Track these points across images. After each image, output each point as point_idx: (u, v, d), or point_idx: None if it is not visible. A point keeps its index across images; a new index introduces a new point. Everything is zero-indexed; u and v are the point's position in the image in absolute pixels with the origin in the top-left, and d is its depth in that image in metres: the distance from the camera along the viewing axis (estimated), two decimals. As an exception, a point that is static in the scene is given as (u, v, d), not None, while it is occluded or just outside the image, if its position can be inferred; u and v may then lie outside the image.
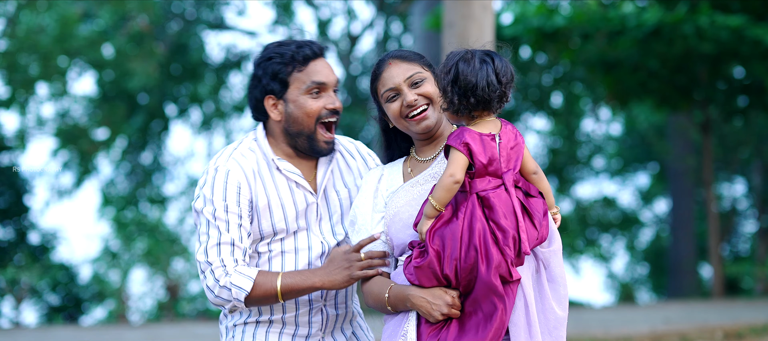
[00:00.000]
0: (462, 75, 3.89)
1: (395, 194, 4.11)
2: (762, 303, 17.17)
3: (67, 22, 22.42)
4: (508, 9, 17.58)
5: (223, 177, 4.25)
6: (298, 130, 4.29)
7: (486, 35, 8.99)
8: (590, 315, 16.15)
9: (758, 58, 16.98)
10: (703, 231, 26.57)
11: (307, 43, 4.30)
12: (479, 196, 3.82)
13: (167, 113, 27.40)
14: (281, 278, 4.20)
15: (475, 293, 3.80)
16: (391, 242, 4.08)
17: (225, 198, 4.24)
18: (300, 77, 4.26)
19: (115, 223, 26.11)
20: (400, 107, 4.11)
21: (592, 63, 18.09)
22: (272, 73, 4.26)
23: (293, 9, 27.99)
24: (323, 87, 4.28)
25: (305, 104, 4.26)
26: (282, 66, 4.26)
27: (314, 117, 4.27)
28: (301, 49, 4.28)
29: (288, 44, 4.30)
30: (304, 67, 4.27)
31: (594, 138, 30.70)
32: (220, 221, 4.21)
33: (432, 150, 4.19)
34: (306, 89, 4.26)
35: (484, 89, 3.87)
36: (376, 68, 4.19)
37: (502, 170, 3.86)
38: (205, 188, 4.26)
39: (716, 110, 20.40)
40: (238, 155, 4.31)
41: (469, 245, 3.78)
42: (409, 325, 3.93)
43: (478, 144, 3.84)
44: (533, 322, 3.85)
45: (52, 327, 18.54)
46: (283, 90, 4.27)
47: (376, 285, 4.07)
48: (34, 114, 24.92)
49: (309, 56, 4.27)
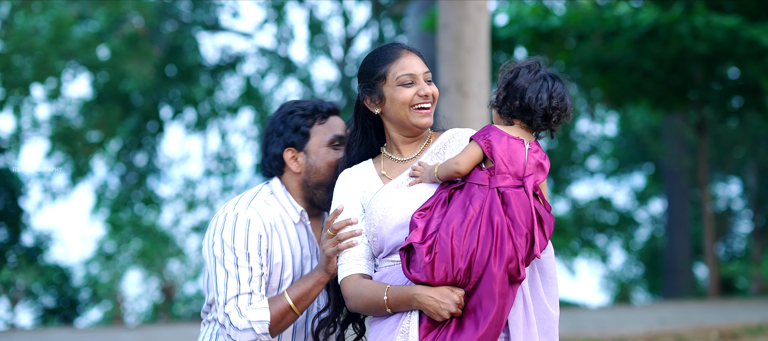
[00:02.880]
0: (520, 77, 4.00)
1: (378, 195, 4.10)
2: (757, 303, 17.18)
3: (61, 23, 22.39)
4: (504, 10, 17.59)
5: (244, 225, 4.31)
6: (319, 180, 4.40)
7: (481, 36, 9.00)
8: (585, 315, 16.15)
9: (753, 58, 16.99)
10: (698, 231, 26.59)
11: (323, 101, 4.45)
12: (499, 190, 3.87)
13: (162, 114, 27.38)
14: (287, 293, 4.27)
15: (480, 289, 3.81)
16: (382, 243, 4.07)
17: (247, 247, 4.29)
18: (322, 130, 4.40)
19: (110, 224, 26.09)
20: (414, 94, 4.12)
21: (587, 64, 18.09)
22: (294, 125, 4.38)
23: (285, 9, 27.95)
24: (342, 140, 4.40)
25: (327, 155, 4.38)
26: (304, 119, 4.39)
27: (334, 169, 4.38)
28: (322, 104, 4.42)
29: (306, 101, 4.44)
30: (325, 120, 4.41)
31: (589, 139, 30.72)
32: (242, 269, 4.27)
33: (413, 149, 4.21)
34: (328, 141, 4.39)
35: (531, 98, 3.98)
36: (390, 52, 4.17)
37: (524, 173, 3.92)
38: (225, 233, 4.30)
39: (711, 110, 20.42)
40: (257, 205, 4.38)
41: (486, 237, 3.81)
42: (410, 323, 3.92)
43: (502, 143, 3.92)
44: (532, 322, 3.89)
45: (47, 329, 18.51)
46: (305, 141, 4.39)
47: (367, 289, 4.04)
48: (29, 116, 24.89)
49: (331, 110, 4.43)
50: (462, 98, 8.78)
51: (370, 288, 4.04)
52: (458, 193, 3.93)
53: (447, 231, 3.83)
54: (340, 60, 27.74)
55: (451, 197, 3.94)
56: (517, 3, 17.71)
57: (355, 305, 4.08)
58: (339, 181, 4.25)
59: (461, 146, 4.16)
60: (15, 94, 23.77)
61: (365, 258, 4.13)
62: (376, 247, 4.09)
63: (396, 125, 4.18)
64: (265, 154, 4.46)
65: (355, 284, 4.08)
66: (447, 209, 3.90)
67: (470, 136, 4.02)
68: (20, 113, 24.54)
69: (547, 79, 4.03)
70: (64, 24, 22.48)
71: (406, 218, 4.00)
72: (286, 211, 4.39)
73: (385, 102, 4.15)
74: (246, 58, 28.14)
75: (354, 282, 4.09)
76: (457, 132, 4.23)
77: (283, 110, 4.43)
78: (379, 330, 4.02)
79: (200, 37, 27.59)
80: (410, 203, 4.02)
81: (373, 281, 4.07)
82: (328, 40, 28.11)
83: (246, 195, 4.42)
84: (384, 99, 4.15)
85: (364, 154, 4.30)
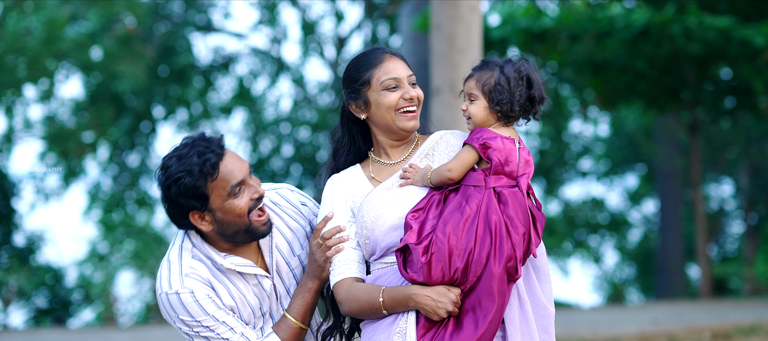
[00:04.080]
0: (537, 83, 4.04)
1: (369, 198, 4.10)
2: (749, 304, 17.20)
3: (54, 24, 22.35)
4: (496, 10, 17.58)
5: (192, 299, 4.14)
6: (234, 231, 4.17)
7: (474, 37, 8.99)
8: (578, 315, 16.16)
9: (746, 59, 17.01)
10: (690, 232, 26.61)
11: (206, 148, 4.10)
12: (495, 190, 3.90)
13: (154, 115, 27.35)
14: (289, 313, 4.24)
15: (479, 288, 3.83)
16: (375, 245, 4.06)
17: (207, 313, 4.15)
18: (217, 185, 4.10)
19: (103, 225, 26.06)
20: (399, 98, 4.11)
21: (580, 64, 18.09)
22: (186, 192, 4.07)
23: (278, 9, 27.95)
24: (242, 183, 4.14)
25: (232, 207, 4.13)
26: (193, 181, 4.06)
27: (245, 214, 4.14)
28: (204, 159, 4.07)
29: (188, 156, 4.08)
30: (216, 174, 4.08)
31: (582, 139, 30.73)
32: (220, 328, 4.17)
33: (401, 153, 4.21)
34: (228, 194, 4.11)
35: (542, 95, 4.04)
36: (373, 57, 4.15)
37: (518, 173, 3.95)
38: (181, 315, 4.16)
39: (704, 111, 20.43)
40: (188, 271, 4.17)
41: (484, 236, 3.82)
42: (408, 324, 3.92)
43: (498, 143, 3.94)
44: (530, 320, 3.92)
45: (39, 330, 18.48)
46: (205, 203, 4.11)
47: (361, 292, 4.03)
48: (22, 117, 24.84)
49: (216, 163, 4.09)
50: (455, 99, 8.77)
51: (365, 290, 4.03)
52: (453, 195, 3.94)
53: (444, 231, 3.84)
54: (333, 61, 27.72)
55: (446, 198, 3.95)
56: (510, 3, 17.72)
57: (350, 309, 4.08)
58: (327, 186, 4.23)
59: (450, 148, 4.16)
60: (7, 94, 23.73)
61: (357, 261, 4.13)
62: (369, 249, 4.08)
63: (382, 130, 4.17)
64: (170, 217, 4.22)
65: (349, 288, 4.07)
66: (443, 210, 3.91)
67: (464, 141, 4.02)
68: (12, 113, 24.50)
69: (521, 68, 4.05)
70: (57, 24, 22.44)
71: (399, 219, 4.00)
72: (213, 260, 4.22)
73: (370, 107, 4.14)
74: (239, 59, 28.13)
75: (347, 286, 4.08)
76: (445, 134, 4.22)
77: (169, 175, 4.08)
78: (374, 331, 4.02)
79: (193, 38, 27.56)
80: (402, 204, 4.02)
81: (366, 283, 4.07)
82: (321, 40, 28.09)
83: (173, 264, 4.20)
84: (369, 104, 4.14)
85: (352, 160, 4.28)
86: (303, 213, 4.40)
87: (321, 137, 27.54)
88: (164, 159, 4.14)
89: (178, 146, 4.16)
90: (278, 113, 28.75)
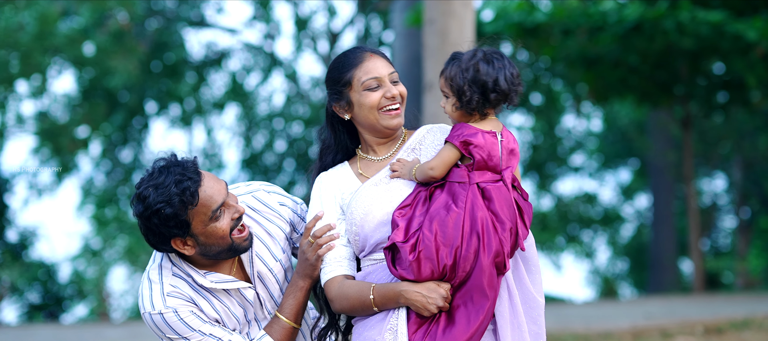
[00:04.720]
0: (484, 73, 3.96)
1: (358, 194, 4.10)
2: (742, 298, 17.23)
3: (46, 19, 22.30)
4: (489, 5, 17.58)
5: (176, 317, 4.14)
6: (217, 251, 4.16)
7: (467, 32, 8.99)
8: (571, 310, 16.19)
9: (738, 53, 17.03)
10: (683, 227, 26.66)
11: (182, 175, 4.07)
12: (479, 186, 3.89)
13: (147, 110, 27.33)
14: (281, 313, 4.23)
15: (470, 283, 3.83)
16: (364, 241, 4.07)
17: (193, 329, 4.17)
18: (198, 211, 4.07)
19: (96, 221, 26.04)
20: (381, 97, 4.11)
21: (572, 59, 18.10)
22: (167, 221, 4.04)
23: (271, 5, 27.92)
24: (223, 206, 4.13)
25: (214, 230, 4.12)
26: (173, 211, 4.02)
27: (228, 235, 4.14)
28: (183, 187, 4.04)
29: (165, 186, 4.04)
30: (196, 201, 4.05)
31: (575, 134, 30.75)
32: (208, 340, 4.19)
33: (388, 149, 4.22)
34: (210, 219, 4.09)
35: (503, 83, 3.95)
36: (353, 58, 4.16)
37: (501, 167, 3.94)
38: (168, 333, 4.16)
39: (696, 105, 20.46)
40: (169, 290, 4.17)
41: (471, 233, 3.82)
42: (398, 320, 3.93)
43: (479, 138, 3.91)
44: (519, 311, 3.92)
45: (32, 325, 18.47)
46: (187, 230, 4.08)
47: (352, 289, 4.05)
48: (14, 112, 24.80)
49: (195, 190, 4.06)
50: (448, 94, 8.77)
51: (355, 288, 4.04)
52: (439, 191, 3.94)
53: (430, 229, 3.85)
54: (326, 55, 27.71)
55: (432, 195, 3.96)
56: (503, -2, 17.71)
57: (341, 306, 4.09)
58: (315, 185, 4.24)
59: (436, 142, 4.17)
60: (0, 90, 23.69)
61: (347, 258, 4.13)
62: (358, 246, 4.09)
63: (367, 129, 4.18)
64: (152, 245, 4.18)
65: (340, 285, 4.08)
66: (429, 207, 3.91)
67: (445, 138, 4.01)
68: (5, 109, 24.46)
69: (500, 59, 4.03)
70: (49, 20, 22.39)
71: (388, 214, 4.01)
72: (193, 278, 4.21)
73: (353, 108, 4.15)
74: (231, 54, 28.11)
75: (338, 284, 4.09)
76: (432, 128, 4.23)
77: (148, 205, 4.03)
78: (365, 328, 4.03)
79: (185, 33, 27.54)
80: (391, 200, 4.04)
81: (357, 281, 4.08)
82: (314, 35, 28.07)
83: (154, 284, 4.18)
84: (352, 105, 4.15)
85: (340, 160, 4.29)
86: (282, 215, 4.36)
87: (314, 132, 27.53)
88: (140, 189, 4.10)
89: (152, 173, 4.12)
90: (271, 108, 28.74)
